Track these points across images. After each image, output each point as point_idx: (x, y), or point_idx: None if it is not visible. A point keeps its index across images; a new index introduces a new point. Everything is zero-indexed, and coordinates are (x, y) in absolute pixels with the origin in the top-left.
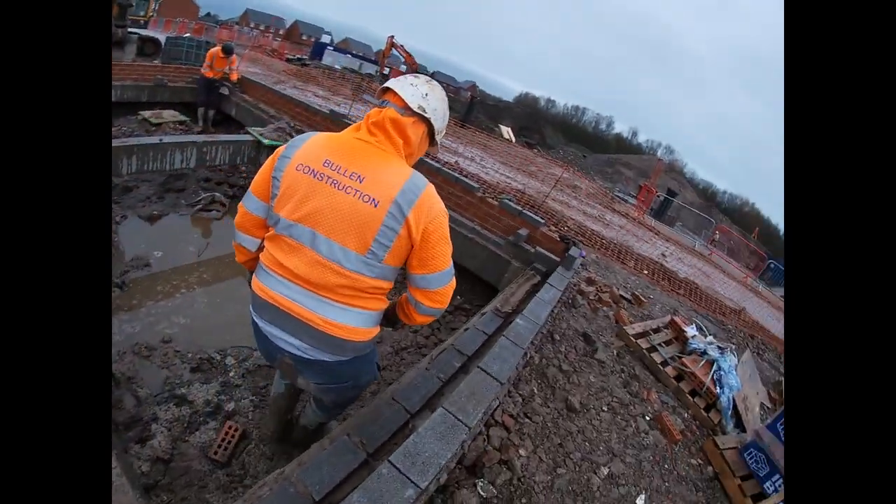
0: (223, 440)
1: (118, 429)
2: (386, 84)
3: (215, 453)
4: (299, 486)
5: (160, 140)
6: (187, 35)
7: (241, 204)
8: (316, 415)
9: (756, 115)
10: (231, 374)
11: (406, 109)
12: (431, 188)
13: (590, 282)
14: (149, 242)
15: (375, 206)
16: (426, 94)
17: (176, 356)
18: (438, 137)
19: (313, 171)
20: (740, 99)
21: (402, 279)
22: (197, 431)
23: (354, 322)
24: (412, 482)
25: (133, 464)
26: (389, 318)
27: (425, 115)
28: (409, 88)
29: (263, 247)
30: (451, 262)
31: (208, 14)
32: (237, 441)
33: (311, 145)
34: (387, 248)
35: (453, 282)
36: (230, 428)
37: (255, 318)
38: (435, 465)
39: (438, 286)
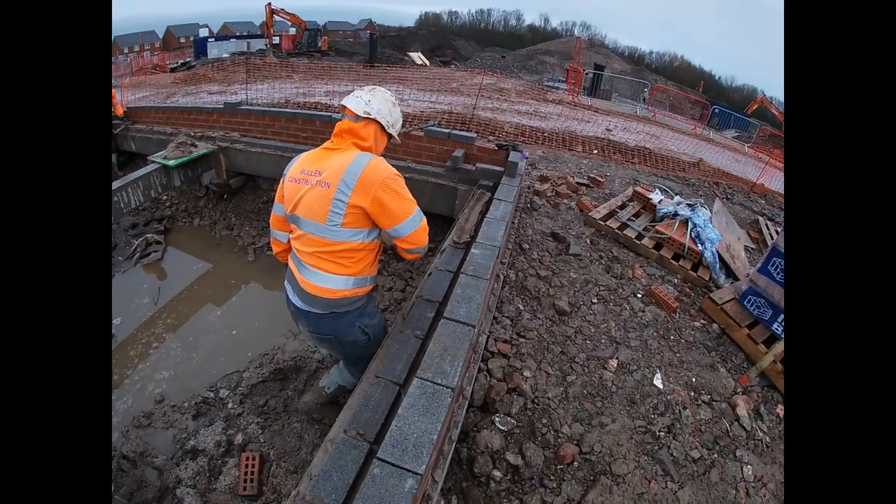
0: (246, 474)
1: None
2: (342, 102)
3: (244, 489)
4: (316, 502)
5: None
6: None
7: (272, 210)
8: (340, 374)
9: None
10: (229, 405)
11: (356, 117)
12: (375, 161)
13: (543, 179)
14: None
15: (328, 187)
16: (369, 101)
17: (174, 411)
18: (392, 130)
19: (296, 178)
20: None
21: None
22: (220, 476)
23: (323, 283)
24: (409, 471)
25: None
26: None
27: (371, 116)
28: (354, 100)
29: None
30: (412, 209)
31: None
32: (259, 468)
33: (296, 163)
34: (340, 215)
35: (423, 223)
36: (248, 459)
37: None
38: (428, 444)
39: (408, 232)
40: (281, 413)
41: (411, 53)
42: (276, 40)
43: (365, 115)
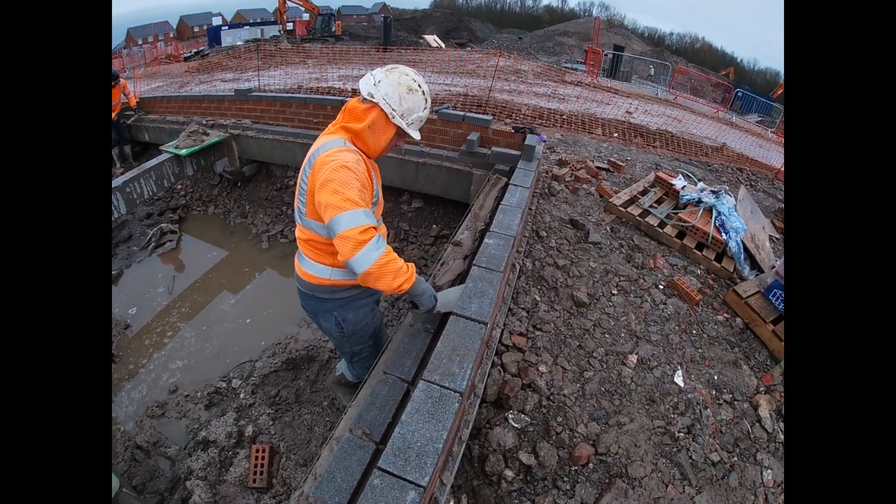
0: (256, 465)
1: (164, 496)
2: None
3: (254, 481)
4: None
5: None
6: None
7: None
8: (347, 369)
9: None
10: (241, 395)
11: (364, 98)
12: (332, 150)
13: (561, 163)
14: (121, 304)
15: (299, 172)
16: (378, 82)
17: (187, 401)
18: (399, 121)
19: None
20: None
21: None
22: (231, 467)
23: (308, 269)
24: (411, 483)
25: None
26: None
27: (374, 99)
28: (366, 79)
29: None
30: (346, 208)
31: None
32: (269, 460)
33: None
34: (304, 203)
35: (351, 231)
36: (258, 451)
37: None
38: (433, 453)
39: (332, 235)
40: (292, 404)
41: (426, 36)
42: (289, 26)
43: (368, 98)
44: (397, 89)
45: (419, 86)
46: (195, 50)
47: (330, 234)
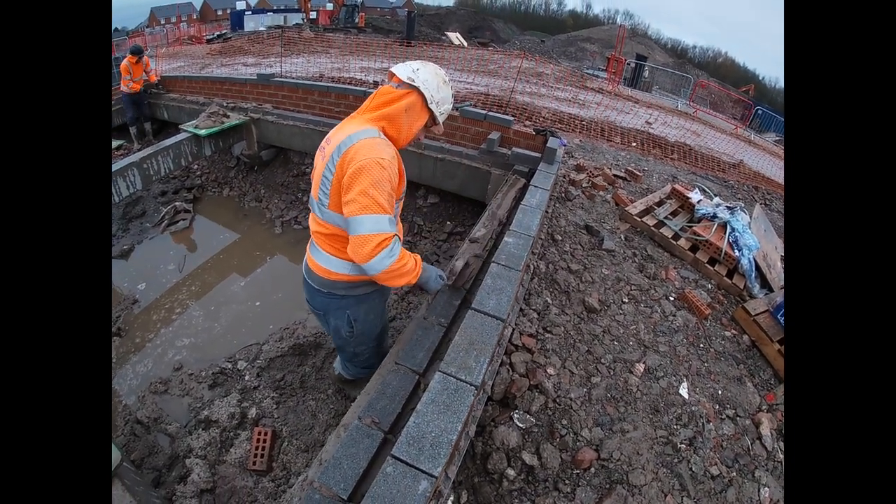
0: (257, 448)
1: (162, 472)
2: (391, 68)
3: (254, 464)
4: (324, 490)
5: None
6: None
7: None
8: (343, 367)
9: None
10: (246, 377)
11: (400, 83)
12: (369, 141)
13: (579, 169)
14: (131, 278)
15: (324, 159)
16: (417, 69)
17: (191, 379)
18: (434, 108)
19: (322, 145)
20: None
21: None
22: (231, 448)
23: (324, 263)
24: (424, 472)
25: None
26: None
27: (414, 84)
28: (402, 66)
29: None
30: (372, 210)
31: (116, 30)
32: (270, 444)
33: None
34: (327, 194)
35: (374, 236)
36: (260, 434)
37: None
38: (446, 445)
39: (354, 233)
40: (297, 389)
41: (449, 33)
42: (313, 15)
43: (409, 82)
44: (435, 78)
45: (448, 81)
46: (218, 33)
47: (347, 227)
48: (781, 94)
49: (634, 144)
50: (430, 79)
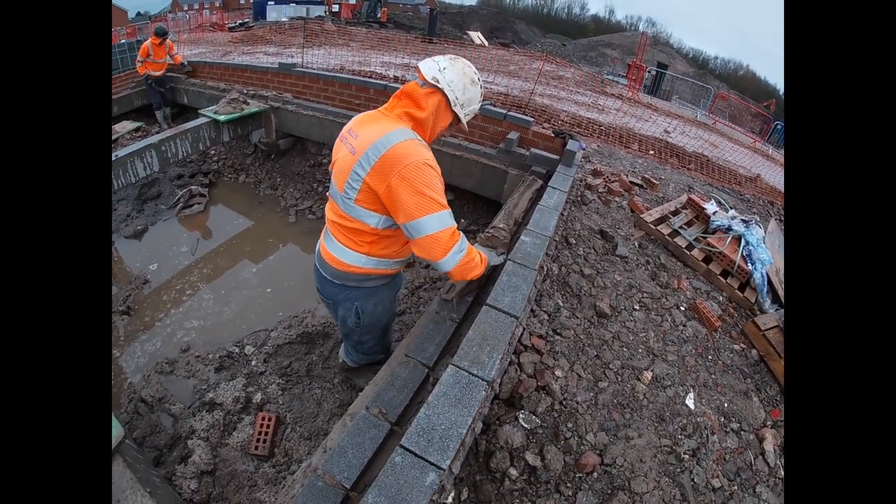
0: (260, 433)
1: (163, 452)
2: (418, 63)
3: (256, 448)
4: (327, 478)
5: (115, 156)
6: (123, 41)
7: None
8: (346, 352)
9: None
10: (253, 363)
11: (424, 82)
12: (406, 143)
13: (596, 174)
14: (143, 259)
15: (354, 154)
16: (443, 69)
17: (198, 361)
18: (459, 110)
19: (342, 137)
20: None
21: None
22: (234, 432)
23: (339, 255)
24: (432, 464)
25: (181, 485)
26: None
27: (438, 85)
28: (429, 63)
29: None
30: (432, 209)
31: (139, 14)
32: (274, 430)
33: (350, 122)
34: (355, 189)
35: (442, 233)
36: (263, 419)
37: None
38: (455, 438)
39: (418, 235)
40: (303, 377)
41: (471, 32)
42: (335, 8)
43: (432, 82)
44: (462, 79)
45: (479, 79)
46: (240, 21)
47: (410, 233)
48: None
49: (652, 152)
50: (455, 79)
